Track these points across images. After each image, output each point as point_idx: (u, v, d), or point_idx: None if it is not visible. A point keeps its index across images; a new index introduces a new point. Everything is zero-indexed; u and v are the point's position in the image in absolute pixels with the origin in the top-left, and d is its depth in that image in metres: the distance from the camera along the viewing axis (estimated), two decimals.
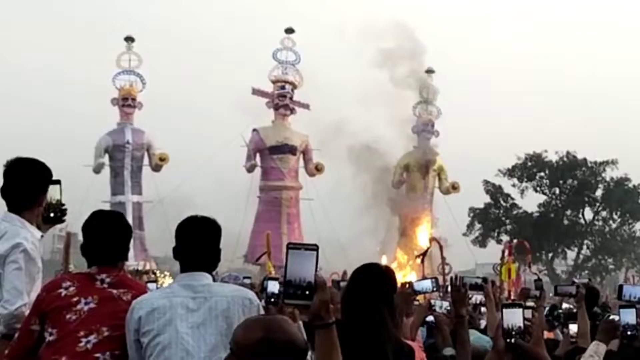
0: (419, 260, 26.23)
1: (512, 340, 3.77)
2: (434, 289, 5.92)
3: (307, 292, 2.87)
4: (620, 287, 6.03)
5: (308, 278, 2.88)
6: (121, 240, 4.13)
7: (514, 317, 3.81)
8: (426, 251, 25.68)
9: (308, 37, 37.63)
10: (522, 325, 3.80)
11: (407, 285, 5.83)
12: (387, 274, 4.19)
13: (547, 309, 10.13)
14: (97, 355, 3.76)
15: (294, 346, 2.60)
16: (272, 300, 4.83)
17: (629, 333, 5.08)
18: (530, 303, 8.34)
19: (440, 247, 23.45)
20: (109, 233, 4.05)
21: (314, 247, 2.93)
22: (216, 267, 4.10)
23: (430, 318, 6.19)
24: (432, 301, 6.49)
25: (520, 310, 3.87)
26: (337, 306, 4.25)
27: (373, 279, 4.07)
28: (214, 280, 4.04)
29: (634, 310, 5.16)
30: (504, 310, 3.88)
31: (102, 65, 40.82)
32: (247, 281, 10.03)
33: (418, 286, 6.06)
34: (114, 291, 3.92)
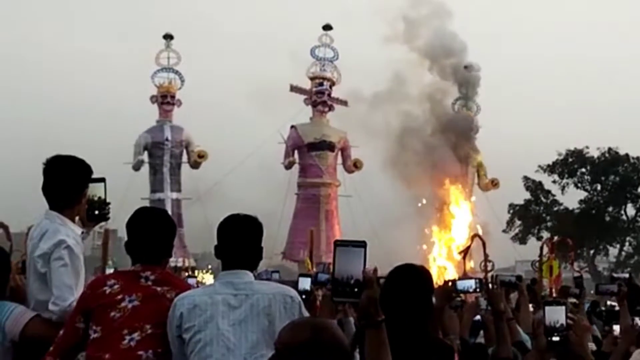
0: (460, 257, 26.09)
1: (554, 338, 3.71)
2: (477, 289, 5.84)
3: (355, 290, 2.84)
4: None
5: (356, 275, 2.85)
6: (165, 237, 4.14)
7: (556, 315, 3.74)
8: (468, 247, 25.47)
9: (347, 34, 37.44)
10: (564, 323, 3.73)
11: (450, 284, 5.80)
12: (423, 274, 4.15)
13: (587, 305, 10.00)
14: (140, 352, 3.77)
15: (340, 348, 2.57)
16: (303, 297, 4.81)
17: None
18: (572, 300, 8.25)
19: (483, 244, 23.23)
20: (153, 230, 4.06)
21: (362, 244, 2.89)
22: (257, 266, 4.10)
23: (477, 317, 6.14)
24: (480, 300, 6.43)
25: (563, 307, 3.81)
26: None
27: (409, 281, 4.02)
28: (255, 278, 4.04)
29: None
30: (546, 307, 3.82)
31: (141, 63, 41.11)
32: (276, 276, 9.99)
33: (461, 285, 6.00)
34: (158, 288, 3.93)
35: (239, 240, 3.90)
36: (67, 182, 4.27)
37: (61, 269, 4.07)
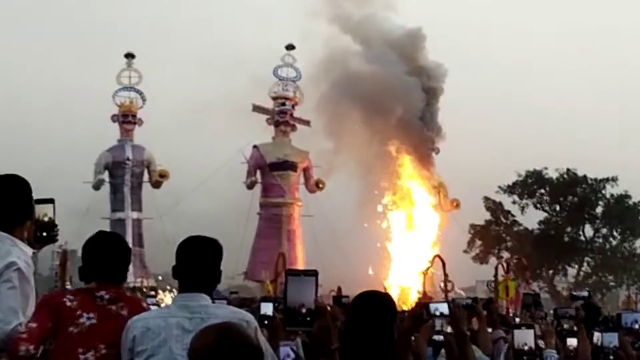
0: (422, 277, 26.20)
1: None
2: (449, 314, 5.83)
3: (308, 318, 2.84)
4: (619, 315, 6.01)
5: (308, 304, 2.86)
6: (121, 261, 4.12)
7: (525, 338, 3.76)
8: (429, 268, 25.63)
9: (308, 53, 37.53)
10: (533, 346, 3.76)
11: (421, 308, 5.78)
12: (386, 301, 4.17)
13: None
14: None
15: (248, 347, 2.59)
16: (266, 322, 4.76)
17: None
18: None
19: (443, 265, 23.36)
20: (109, 253, 4.05)
21: (313, 273, 2.91)
22: (215, 288, 4.07)
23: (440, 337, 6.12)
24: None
25: (531, 331, 3.83)
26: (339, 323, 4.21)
27: (372, 308, 4.03)
28: (213, 299, 4.01)
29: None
30: (515, 331, 3.84)
31: (102, 82, 40.79)
32: (234, 296, 9.94)
33: (433, 309, 5.97)
34: (113, 307, 3.92)
35: (197, 262, 3.88)
36: (14, 201, 4.16)
37: (9, 291, 3.95)
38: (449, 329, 5.15)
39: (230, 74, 40.27)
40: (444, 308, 5.80)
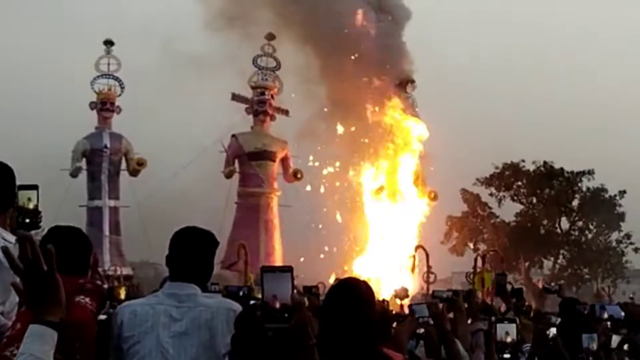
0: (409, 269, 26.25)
1: (505, 355, 3.72)
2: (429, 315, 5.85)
3: (285, 315, 2.84)
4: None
5: (284, 300, 2.85)
6: (80, 255, 4.05)
7: (507, 332, 3.77)
8: (413, 261, 25.69)
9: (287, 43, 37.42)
10: (515, 338, 3.77)
11: (411, 315, 5.79)
12: (363, 289, 4.14)
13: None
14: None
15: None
16: None
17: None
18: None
19: (427, 256, 23.35)
20: (67, 249, 3.97)
21: (288, 269, 2.91)
22: (207, 281, 4.07)
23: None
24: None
25: (514, 325, 3.84)
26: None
27: (349, 296, 4.00)
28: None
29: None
30: (498, 325, 3.84)
31: (80, 69, 40.50)
32: (216, 287, 9.86)
33: (418, 311, 5.98)
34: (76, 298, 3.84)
35: (190, 253, 3.88)
36: None
37: None
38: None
39: (209, 63, 40.05)
40: (423, 311, 5.81)
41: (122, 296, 5.29)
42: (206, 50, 36.11)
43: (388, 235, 35.53)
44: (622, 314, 6.29)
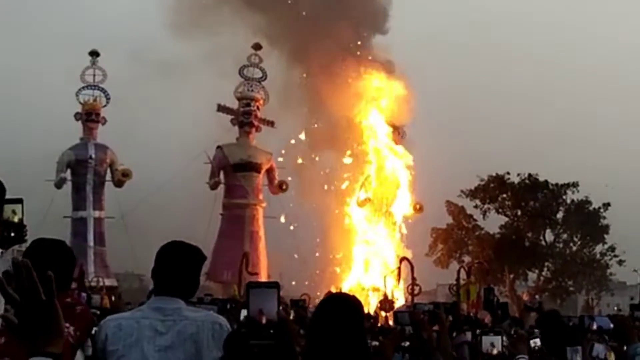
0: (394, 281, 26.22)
1: None
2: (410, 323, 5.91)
3: (270, 331, 2.83)
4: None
5: (270, 317, 2.84)
6: (63, 270, 4.02)
7: (492, 343, 3.76)
8: (399, 272, 25.67)
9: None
10: (501, 350, 3.76)
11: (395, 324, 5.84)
12: (353, 304, 4.14)
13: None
14: None
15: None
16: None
17: None
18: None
19: (412, 268, 23.34)
20: (49, 263, 3.94)
21: (274, 285, 2.90)
22: (192, 296, 4.05)
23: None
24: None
25: (499, 337, 3.84)
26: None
27: (339, 312, 3.99)
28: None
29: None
30: (483, 337, 3.84)
31: (65, 80, 40.38)
32: (208, 299, 9.92)
33: (401, 317, 6.02)
34: None
35: (175, 267, 3.85)
36: None
37: None
38: None
39: (195, 74, 39.97)
40: (405, 317, 5.88)
41: (107, 304, 5.28)
42: (189, 59, 36.16)
43: (373, 247, 35.56)
44: (611, 325, 6.32)
